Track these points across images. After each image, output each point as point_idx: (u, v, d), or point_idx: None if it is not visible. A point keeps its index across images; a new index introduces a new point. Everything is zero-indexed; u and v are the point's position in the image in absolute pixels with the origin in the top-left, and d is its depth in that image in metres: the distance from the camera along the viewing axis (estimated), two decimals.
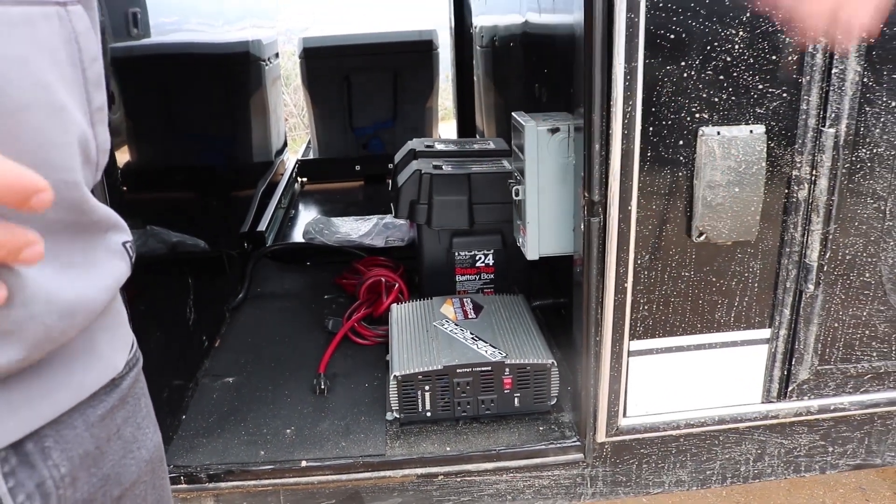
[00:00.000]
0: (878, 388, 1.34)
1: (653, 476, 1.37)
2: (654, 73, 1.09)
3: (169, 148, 1.64)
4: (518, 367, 1.36)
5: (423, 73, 3.39)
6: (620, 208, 1.15)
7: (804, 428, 1.37)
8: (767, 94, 1.13)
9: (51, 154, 0.47)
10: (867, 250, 1.22)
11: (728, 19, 1.09)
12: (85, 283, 0.52)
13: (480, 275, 1.77)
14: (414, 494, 1.34)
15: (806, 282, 1.22)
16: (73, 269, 0.51)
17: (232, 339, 1.79)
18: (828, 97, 1.13)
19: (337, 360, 1.65)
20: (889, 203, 1.20)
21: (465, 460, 1.32)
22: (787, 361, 1.29)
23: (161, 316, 1.43)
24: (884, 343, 1.29)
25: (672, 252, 1.19)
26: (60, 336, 0.49)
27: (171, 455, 1.33)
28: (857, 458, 1.42)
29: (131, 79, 1.36)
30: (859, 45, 1.10)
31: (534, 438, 1.35)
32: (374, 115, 3.43)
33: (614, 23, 1.06)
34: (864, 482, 2.37)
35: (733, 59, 1.11)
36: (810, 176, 1.17)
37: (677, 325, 1.24)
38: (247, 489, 1.30)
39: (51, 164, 0.47)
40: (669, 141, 1.13)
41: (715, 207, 1.15)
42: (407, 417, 1.38)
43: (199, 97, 1.96)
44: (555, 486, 1.36)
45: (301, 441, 1.36)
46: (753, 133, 1.13)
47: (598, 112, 1.11)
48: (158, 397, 1.27)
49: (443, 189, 1.70)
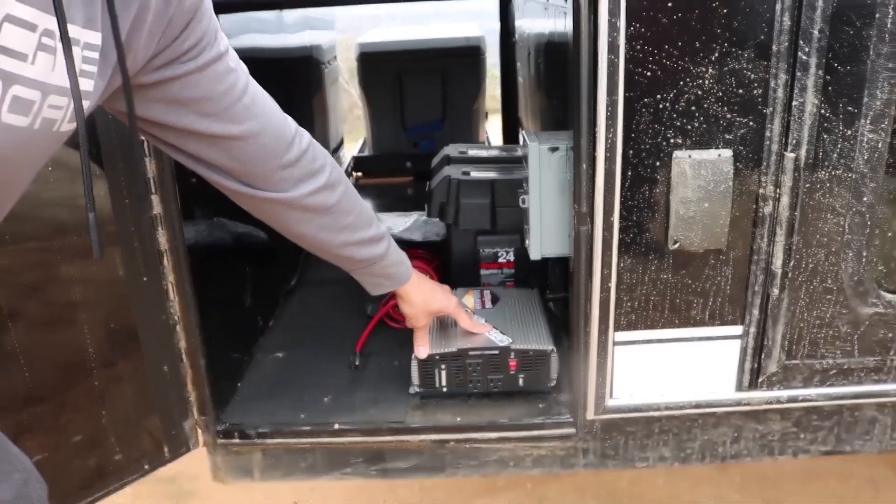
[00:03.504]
0: (844, 383, 1.49)
1: (638, 451, 1.56)
2: (633, 104, 1.28)
3: None
4: (522, 352, 1.57)
5: (471, 77, 3.60)
6: (604, 219, 1.34)
7: (777, 415, 1.54)
8: (735, 122, 1.30)
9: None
10: (829, 260, 1.39)
11: (699, 58, 1.27)
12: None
13: (502, 270, 1.99)
14: (429, 457, 1.56)
15: (772, 286, 1.40)
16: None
17: (284, 319, 2.05)
18: (789, 126, 1.30)
19: (372, 341, 1.89)
20: (847, 219, 1.36)
21: (474, 429, 1.54)
22: (757, 356, 1.46)
23: (223, 299, 1.69)
24: (846, 342, 1.45)
25: (651, 257, 1.38)
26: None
27: (228, 414, 1.59)
28: (827, 444, 1.58)
29: None
30: (816, 80, 1.27)
31: (534, 414, 1.56)
32: (424, 115, 3.66)
33: (598, 62, 1.25)
34: (876, 475, 2.48)
35: (704, 93, 1.29)
36: (774, 194, 1.34)
37: (657, 320, 1.43)
38: (289, 445, 1.56)
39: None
40: (647, 162, 1.32)
41: (687, 220, 1.33)
42: (426, 391, 1.61)
43: None
44: (551, 456, 1.57)
45: (336, 408, 1.61)
46: (721, 156, 1.31)
47: (584, 137, 1.31)
48: (218, 368, 1.54)
49: (468, 193, 1.92)
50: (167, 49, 0.95)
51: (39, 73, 0.77)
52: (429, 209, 2.00)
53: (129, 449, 1.44)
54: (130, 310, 1.39)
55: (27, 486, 1.03)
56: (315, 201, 1.22)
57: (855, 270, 1.39)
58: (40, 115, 0.80)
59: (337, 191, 1.26)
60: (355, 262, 1.36)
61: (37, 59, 0.77)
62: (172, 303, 1.43)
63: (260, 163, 1.13)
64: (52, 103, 0.80)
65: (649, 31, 1.24)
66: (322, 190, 1.22)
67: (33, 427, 1.28)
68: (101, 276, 1.34)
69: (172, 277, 1.41)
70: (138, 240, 1.35)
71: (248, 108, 1.09)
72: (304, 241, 1.29)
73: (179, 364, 1.47)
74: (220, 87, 1.04)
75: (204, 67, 1.00)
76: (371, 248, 1.35)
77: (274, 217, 1.23)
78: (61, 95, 0.81)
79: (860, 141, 1.31)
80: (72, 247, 1.27)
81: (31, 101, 0.77)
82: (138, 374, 1.42)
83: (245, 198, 1.18)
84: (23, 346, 1.23)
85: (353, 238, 1.31)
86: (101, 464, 1.40)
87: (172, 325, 1.45)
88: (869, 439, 1.56)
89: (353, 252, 1.33)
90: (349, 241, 1.31)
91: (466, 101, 3.63)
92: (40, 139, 0.82)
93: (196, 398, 1.51)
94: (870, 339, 1.45)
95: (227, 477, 1.59)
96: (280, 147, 1.15)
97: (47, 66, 0.78)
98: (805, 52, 1.25)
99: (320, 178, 1.22)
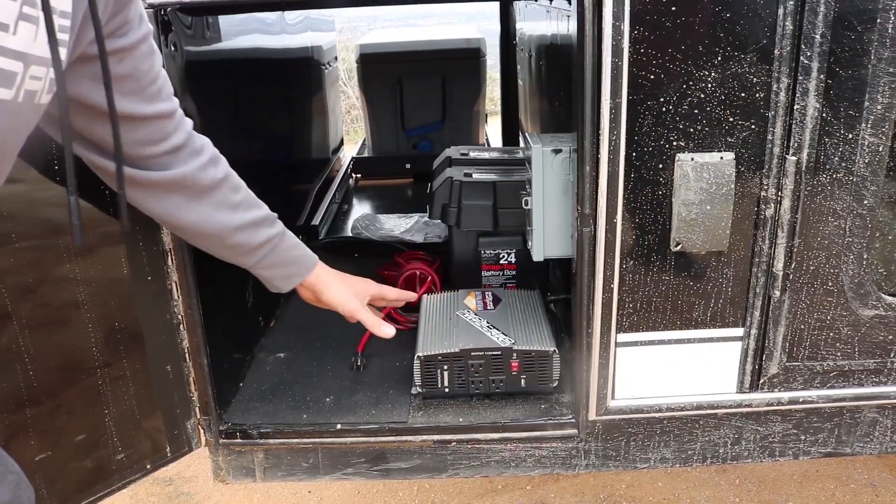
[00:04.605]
0: (844, 384, 1.50)
1: (639, 452, 1.57)
2: (637, 107, 1.29)
3: (236, 144, 1.89)
4: (524, 353, 1.58)
5: (471, 79, 3.62)
6: (607, 221, 1.35)
7: (777, 417, 1.55)
8: (737, 126, 1.31)
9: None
10: (829, 262, 1.40)
11: (701, 62, 1.28)
12: None
13: (504, 271, 2.00)
14: (431, 457, 1.57)
15: (773, 288, 1.41)
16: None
17: (285, 320, 2.06)
18: (791, 129, 1.31)
19: (374, 342, 1.89)
20: (848, 221, 1.37)
21: (476, 430, 1.54)
22: (759, 357, 1.47)
23: (224, 299, 1.69)
24: (847, 345, 1.46)
25: (653, 259, 1.39)
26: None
27: (230, 415, 1.60)
28: (828, 446, 1.59)
29: (204, 80, 1.61)
30: (818, 84, 1.28)
31: (536, 414, 1.57)
32: (424, 117, 3.67)
33: (602, 65, 1.26)
34: (875, 479, 2.50)
35: (706, 96, 1.30)
36: (776, 197, 1.35)
37: (659, 321, 1.44)
38: (291, 446, 1.56)
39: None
40: (650, 165, 1.33)
41: (689, 222, 1.34)
42: (428, 392, 1.61)
43: (266, 98, 2.22)
44: (553, 457, 1.57)
45: (338, 408, 1.61)
46: (724, 159, 1.32)
47: (588, 139, 1.31)
48: (220, 368, 1.54)
49: (471, 195, 1.93)
50: (109, 22, 0.96)
51: (21, 43, 0.77)
52: (431, 210, 2.00)
53: (132, 448, 1.44)
54: (134, 309, 1.39)
55: (19, 488, 1.04)
56: (205, 176, 1.20)
57: (855, 273, 1.40)
58: (23, 87, 0.79)
59: (220, 166, 1.24)
60: (255, 247, 1.30)
61: (18, 30, 0.76)
62: (176, 302, 1.43)
63: (157, 144, 1.13)
64: (33, 74, 0.80)
65: (653, 35, 1.25)
66: (208, 165, 1.21)
67: (36, 426, 1.28)
68: (106, 275, 1.34)
69: (176, 277, 1.41)
70: (142, 239, 1.35)
71: (160, 90, 1.11)
72: (201, 228, 1.25)
73: (182, 364, 1.48)
74: (143, 66, 1.06)
75: (136, 45, 1.03)
76: (267, 228, 1.31)
77: (168, 203, 1.20)
78: (41, 66, 0.80)
79: (861, 145, 1.32)
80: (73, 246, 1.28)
81: (13, 72, 0.77)
82: (142, 373, 1.42)
83: (140, 183, 1.15)
84: (26, 346, 1.24)
85: (248, 217, 1.27)
86: (103, 463, 1.40)
87: (176, 324, 1.45)
88: (869, 441, 1.57)
89: (251, 235, 1.29)
90: (245, 222, 1.27)
91: (466, 103, 3.64)
92: (24, 112, 0.82)
93: (199, 398, 1.51)
94: (870, 342, 1.46)
95: (228, 477, 1.59)
96: (171, 128, 1.15)
97: (29, 37, 0.77)
98: (807, 56, 1.26)
99: (204, 154, 1.21)
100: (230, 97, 1.87)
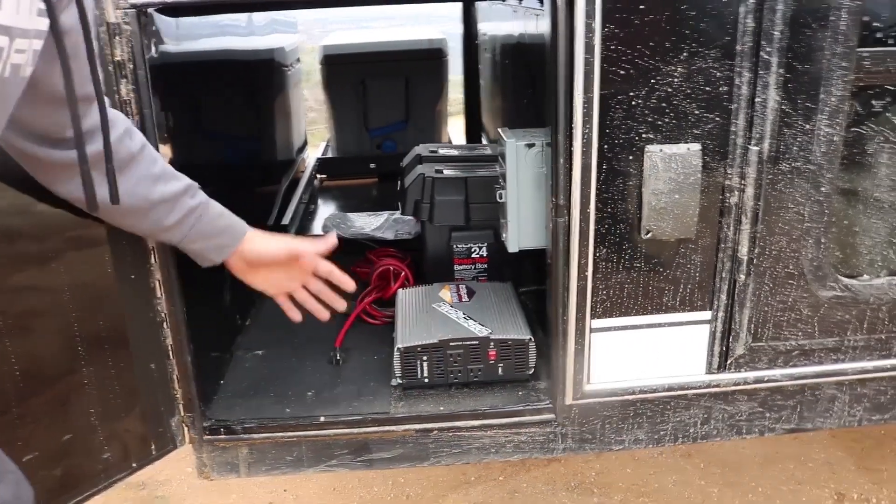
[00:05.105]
0: (806, 363, 1.59)
1: (614, 434, 1.63)
2: (608, 101, 1.35)
3: (202, 147, 1.90)
4: (501, 342, 1.63)
5: (434, 79, 3.66)
6: (581, 210, 1.41)
7: (744, 396, 1.63)
8: (703, 118, 1.38)
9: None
10: (790, 247, 1.47)
11: (668, 57, 1.34)
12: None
13: (475, 265, 2.04)
14: (413, 446, 1.61)
15: (738, 272, 1.48)
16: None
17: (260, 318, 2.07)
18: (753, 121, 1.38)
19: (350, 337, 1.92)
20: (807, 208, 1.45)
21: (456, 418, 1.59)
22: (726, 339, 1.54)
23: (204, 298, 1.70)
24: (807, 325, 1.54)
25: (625, 246, 1.45)
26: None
27: (213, 411, 1.61)
28: (791, 422, 1.67)
29: (168, 83, 1.61)
30: (777, 78, 1.35)
31: (514, 401, 1.62)
32: (387, 117, 3.70)
33: (574, 62, 1.32)
34: (831, 458, 2.60)
35: (673, 90, 1.36)
36: (739, 185, 1.42)
37: (631, 307, 1.50)
38: (275, 440, 1.58)
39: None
40: (621, 156, 1.39)
41: (659, 210, 1.41)
42: (408, 383, 1.65)
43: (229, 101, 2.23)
44: (531, 442, 1.62)
45: (320, 401, 1.64)
46: (690, 150, 1.38)
47: (562, 132, 1.37)
48: (201, 366, 1.56)
49: (443, 191, 1.97)
50: None
51: (6, 16, 0.76)
52: (403, 207, 2.04)
53: (118, 447, 1.45)
54: (118, 307, 1.40)
55: (20, 486, 1.04)
56: (121, 149, 1.16)
57: (814, 256, 1.48)
58: (9, 61, 0.79)
59: (136, 138, 1.21)
60: (181, 219, 1.27)
61: (3, 3, 0.76)
62: (160, 300, 1.44)
63: None
64: (17, 47, 0.80)
65: (623, 32, 1.31)
66: (123, 137, 1.17)
67: (22, 427, 1.28)
68: (90, 274, 1.35)
69: (160, 275, 1.42)
70: (126, 238, 1.36)
71: None
72: (125, 205, 1.19)
73: (166, 361, 1.49)
74: None
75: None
76: (189, 199, 1.28)
77: None
78: (24, 38, 0.80)
79: (818, 135, 1.40)
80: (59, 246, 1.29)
81: (1, 47, 0.77)
82: (126, 371, 1.43)
83: (60, 165, 1.11)
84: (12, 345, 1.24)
85: (170, 189, 1.24)
86: (89, 462, 1.40)
87: (159, 322, 1.46)
88: (829, 416, 1.66)
89: (176, 207, 1.25)
90: (168, 194, 1.23)
91: (429, 102, 3.68)
92: (11, 87, 0.82)
93: (182, 395, 1.52)
94: (829, 321, 1.54)
95: (213, 473, 1.60)
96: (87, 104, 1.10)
97: (12, 9, 0.77)
98: (767, 51, 1.34)
99: (118, 126, 1.17)
100: (196, 99, 1.88)
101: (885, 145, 1.47)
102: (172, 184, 1.26)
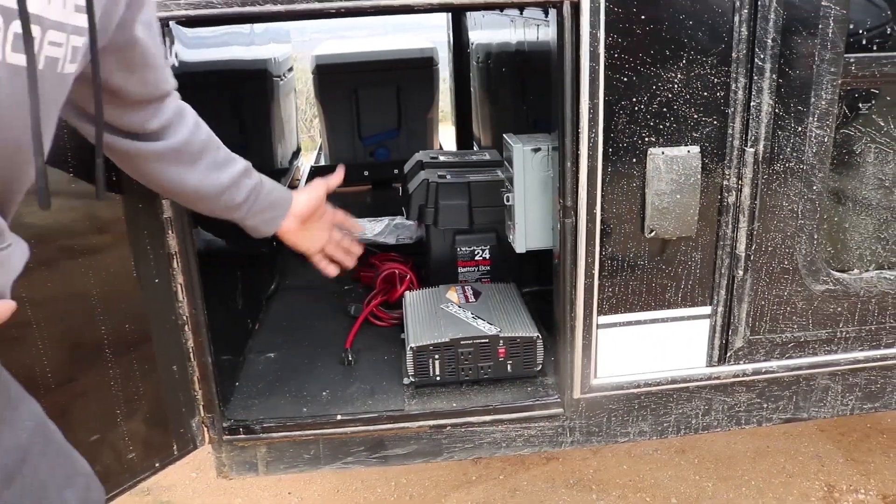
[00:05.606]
0: (801, 354, 1.66)
1: (619, 427, 1.69)
2: (612, 106, 1.42)
3: None
4: (510, 340, 1.69)
5: (424, 88, 3.72)
6: (588, 211, 1.47)
7: (743, 388, 1.70)
8: (701, 122, 1.45)
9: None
10: (785, 243, 1.55)
11: (669, 65, 1.41)
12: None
13: (478, 267, 2.11)
14: (427, 442, 1.66)
15: (736, 268, 1.55)
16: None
17: (269, 322, 2.11)
18: (748, 124, 1.46)
19: (359, 339, 1.97)
20: (800, 206, 1.52)
21: (468, 414, 1.64)
22: (725, 332, 1.61)
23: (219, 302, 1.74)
24: (802, 317, 1.62)
25: (629, 245, 1.52)
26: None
27: (231, 412, 1.65)
28: (787, 412, 1.74)
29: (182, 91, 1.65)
30: (770, 83, 1.43)
31: (523, 397, 1.68)
32: (379, 125, 3.75)
33: (580, 69, 1.38)
34: (820, 451, 2.68)
35: (674, 96, 1.43)
36: (737, 185, 1.50)
37: (635, 303, 1.57)
38: (293, 438, 1.63)
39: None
40: (625, 159, 1.45)
41: (662, 210, 1.48)
42: (421, 381, 1.70)
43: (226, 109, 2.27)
44: (540, 436, 1.68)
45: (335, 401, 1.69)
46: (690, 152, 1.46)
47: (569, 137, 1.43)
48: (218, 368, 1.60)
49: (447, 195, 2.03)
50: None
51: (36, 5, 0.77)
52: (407, 212, 2.10)
53: (142, 447, 1.49)
54: (142, 310, 1.44)
55: (89, 490, 1.06)
56: (196, 140, 1.23)
57: (808, 252, 1.55)
58: (42, 52, 0.80)
59: (203, 127, 1.27)
60: (243, 199, 1.32)
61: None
62: (182, 303, 1.49)
63: (157, 117, 1.17)
64: (51, 39, 0.80)
65: (625, 41, 1.38)
66: (195, 128, 1.24)
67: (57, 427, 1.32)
68: (115, 277, 1.39)
69: (182, 279, 1.47)
70: (149, 243, 1.41)
71: None
72: (202, 192, 1.27)
73: (188, 363, 1.53)
74: None
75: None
76: (248, 179, 1.33)
77: (172, 172, 1.23)
78: (59, 31, 0.81)
79: (809, 136, 1.48)
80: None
81: (33, 37, 0.77)
82: (151, 373, 1.47)
83: (145, 156, 1.19)
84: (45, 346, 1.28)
85: (234, 172, 1.30)
86: (116, 462, 1.44)
87: (181, 324, 1.50)
88: (823, 406, 1.73)
89: (239, 189, 1.31)
90: (233, 177, 1.29)
91: (421, 110, 3.74)
92: (48, 82, 0.82)
93: (203, 396, 1.56)
94: (822, 314, 1.62)
95: (231, 473, 1.65)
96: (172, 101, 1.21)
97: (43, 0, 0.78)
98: (760, 58, 1.42)
99: (189, 118, 1.23)
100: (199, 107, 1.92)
101: (872, 145, 1.56)
102: (234, 167, 1.31)
